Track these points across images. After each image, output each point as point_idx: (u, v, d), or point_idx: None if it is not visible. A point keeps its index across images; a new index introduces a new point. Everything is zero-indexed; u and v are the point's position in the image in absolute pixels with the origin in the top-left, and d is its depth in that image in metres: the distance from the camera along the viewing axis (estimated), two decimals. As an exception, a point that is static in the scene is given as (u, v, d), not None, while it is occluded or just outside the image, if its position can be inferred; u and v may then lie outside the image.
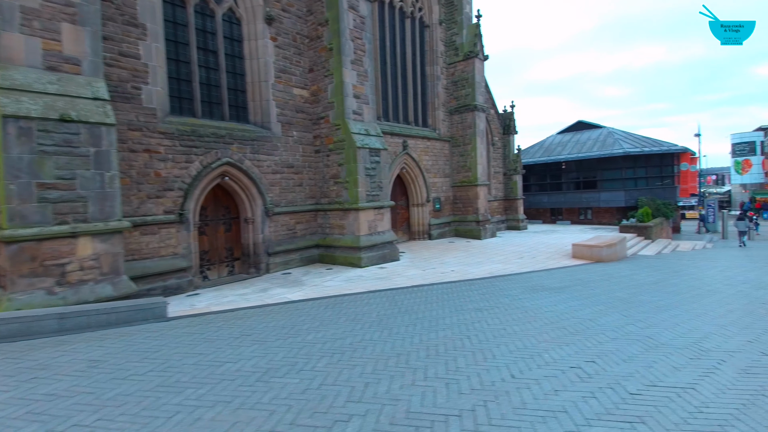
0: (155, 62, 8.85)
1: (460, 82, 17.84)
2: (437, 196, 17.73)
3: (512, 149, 22.97)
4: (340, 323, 5.85)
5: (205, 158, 9.77)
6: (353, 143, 11.26)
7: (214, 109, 10.52)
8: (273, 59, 11.21)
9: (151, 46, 8.78)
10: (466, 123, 17.87)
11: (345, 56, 11.35)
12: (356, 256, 11.35)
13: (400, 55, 16.13)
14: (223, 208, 10.85)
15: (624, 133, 28.88)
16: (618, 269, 11.10)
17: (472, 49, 17.37)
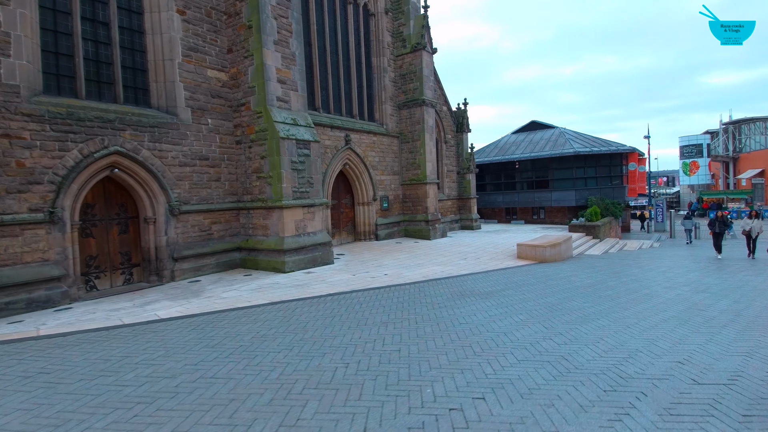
0: (21, 31, 7.32)
1: (408, 75, 16.96)
2: (385, 195, 16.76)
3: (466, 148, 22.39)
4: (190, 351, 4.66)
5: (86, 146, 8.27)
6: (276, 133, 10.04)
7: (105, 89, 9.03)
8: (180, 35, 9.82)
9: (16, 12, 7.24)
10: (414, 118, 17.01)
11: (266, 35, 10.12)
12: (279, 260, 10.14)
13: (342, 44, 15.03)
14: (117, 206, 9.35)
15: (575, 134, 29.11)
16: (558, 270, 10.48)
17: (419, 41, 16.53)
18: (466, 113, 22.35)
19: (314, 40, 13.78)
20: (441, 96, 20.71)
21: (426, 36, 16.69)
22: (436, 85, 20.23)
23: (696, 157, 49.69)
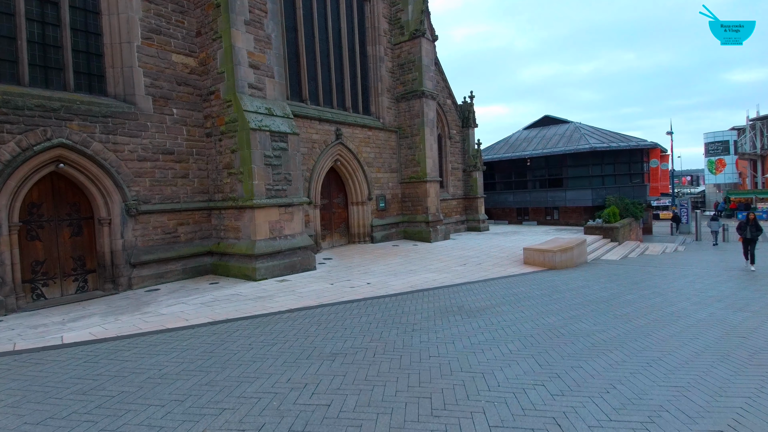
0: (-66, 3, 6.40)
1: (407, 65, 15.73)
2: (382, 194, 15.57)
3: (472, 144, 21.00)
4: (27, 406, 3.57)
5: (25, 138, 7.33)
6: (246, 124, 8.97)
7: (53, 75, 8.10)
8: (140, 15, 8.84)
9: (-75, -20, 6.32)
10: (413, 111, 15.76)
11: (235, 14, 9.05)
12: (250, 266, 9.05)
13: (333, 30, 13.91)
14: (69, 206, 8.41)
15: (591, 128, 27.34)
16: (569, 279, 9.12)
17: (418, 27, 15.28)
18: (472, 107, 20.95)
19: (300, 26, 12.69)
20: (445, 89, 19.40)
21: (426, 22, 15.44)
22: (439, 77, 18.93)
23: (722, 155, 46.95)
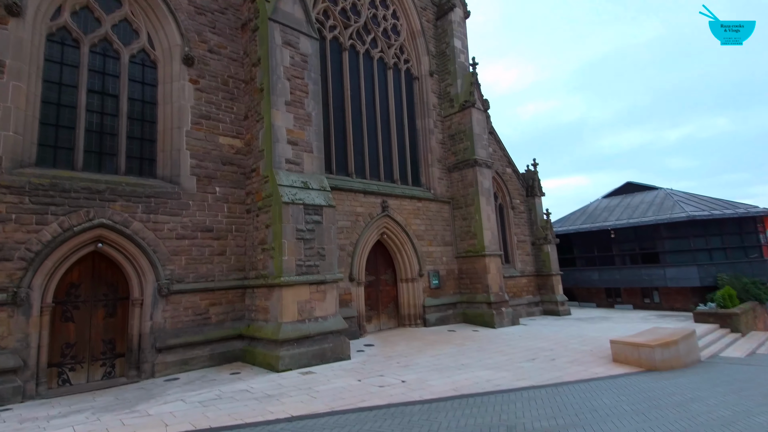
0: (12, 103, 7.18)
1: (458, 135, 15.22)
2: (435, 269, 14.21)
3: (540, 214, 19.15)
4: None
5: (67, 219, 7.57)
6: (279, 198, 8.65)
7: (107, 160, 8.61)
8: (192, 103, 9.41)
9: (8, 84, 7.18)
10: (466, 180, 14.83)
11: (276, 96, 9.28)
12: (274, 354, 8.08)
13: (381, 107, 14.06)
14: (106, 285, 8.37)
15: (685, 195, 23.84)
16: (673, 386, 6.70)
17: (468, 98, 14.96)
18: (537, 175, 19.49)
19: (348, 105, 12.95)
20: (503, 157, 18.41)
21: (475, 93, 15.11)
22: (496, 146, 18.12)
23: None
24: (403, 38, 15.08)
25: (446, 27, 15.89)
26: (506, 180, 18.32)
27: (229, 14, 10.42)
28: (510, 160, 18.78)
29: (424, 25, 15.62)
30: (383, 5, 14.62)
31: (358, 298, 11.67)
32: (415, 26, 15.31)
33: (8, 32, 7.17)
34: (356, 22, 13.51)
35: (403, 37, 15.07)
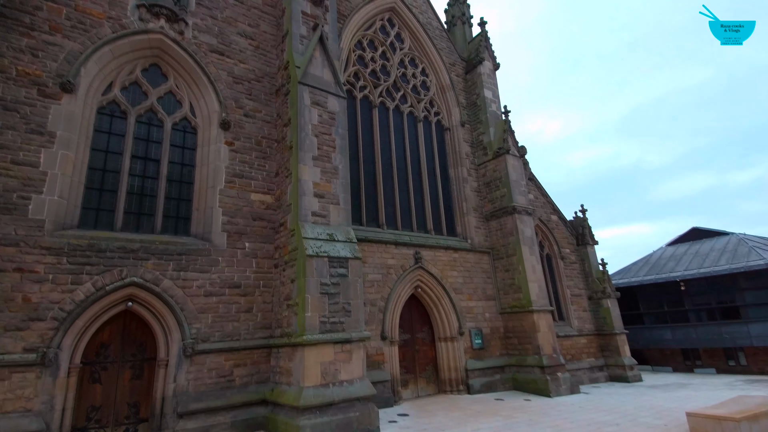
0: (58, 170, 7.76)
1: (493, 182, 14.69)
2: (477, 327, 13.05)
3: (594, 265, 17.53)
4: None
5: (101, 279, 7.73)
6: (303, 251, 8.43)
7: (144, 220, 8.94)
8: (226, 163, 9.79)
9: (57, 153, 7.81)
10: (506, 229, 14.00)
11: (304, 152, 9.44)
12: (294, 424, 7.37)
13: (411, 159, 14.03)
14: (135, 345, 8.31)
15: (761, 239, 21.00)
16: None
17: (501, 145, 14.62)
18: (587, 222, 18.14)
19: (378, 157, 13.03)
20: (547, 204, 17.44)
21: (509, 140, 14.75)
22: (537, 192, 17.28)
23: None
24: (433, 93, 15.38)
25: (476, 79, 16.08)
26: (552, 228, 17.18)
27: (264, 82, 11.11)
28: (555, 207, 17.73)
29: (453, 80, 15.92)
30: (412, 64, 15.16)
31: (391, 359, 10.79)
32: (444, 81, 15.63)
33: (61, 107, 7.95)
34: (385, 81, 14.00)
35: (432, 92, 15.37)
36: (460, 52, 16.76)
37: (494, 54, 16.67)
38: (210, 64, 10.20)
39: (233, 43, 10.79)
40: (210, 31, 10.47)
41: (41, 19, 8.02)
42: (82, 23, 8.54)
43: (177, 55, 9.87)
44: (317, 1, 11.23)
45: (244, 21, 11.22)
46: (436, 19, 16.28)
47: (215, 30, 10.57)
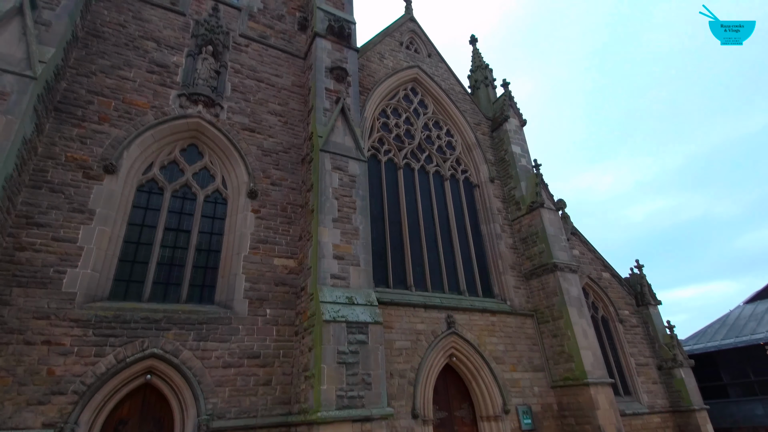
0: (94, 244, 8.25)
1: (530, 237, 13.87)
2: (525, 404, 11.52)
3: (659, 328, 15.46)
4: None
5: (123, 350, 7.76)
6: (320, 316, 8.08)
7: (171, 290, 9.11)
8: (252, 230, 10.02)
9: (95, 229, 8.36)
10: (548, 288, 12.86)
11: (324, 214, 9.51)
12: None
13: (440, 217, 13.73)
14: (153, 421, 8.03)
15: None
16: None
17: (534, 199, 14.01)
18: (644, 279, 16.36)
19: (404, 217, 12.86)
20: (595, 260, 16.06)
21: (543, 193, 14.15)
22: (583, 247, 16.06)
23: None
24: (459, 152, 15.42)
25: (502, 136, 16.04)
26: (605, 287, 15.62)
27: (291, 152, 11.69)
28: (605, 264, 16.26)
29: (479, 138, 15.97)
30: (436, 126, 15.50)
31: (425, 441, 9.60)
32: (469, 140, 15.71)
33: (102, 186, 8.66)
34: (410, 144, 14.29)
35: (458, 151, 15.43)
36: (485, 112, 17.00)
37: (519, 111, 16.73)
38: (242, 141, 10.94)
39: (263, 121, 11.61)
40: (243, 112, 11.38)
41: (92, 111, 9.12)
42: (128, 113, 9.60)
43: (212, 135, 10.71)
44: (340, 78, 12.02)
45: (275, 101, 12.15)
46: (458, 85, 16.85)
47: (248, 111, 11.48)
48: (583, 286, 14.49)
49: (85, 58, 9.56)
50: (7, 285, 7.40)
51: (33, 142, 7.93)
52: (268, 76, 12.30)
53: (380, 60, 14.87)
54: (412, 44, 16.46)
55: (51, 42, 8.06)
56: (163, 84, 10.44)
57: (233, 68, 11.74)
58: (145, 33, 10.75)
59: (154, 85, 10.29)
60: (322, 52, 12.13)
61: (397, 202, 13.14)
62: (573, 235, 15.69)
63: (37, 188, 8.13)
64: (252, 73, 12.04)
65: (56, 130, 8.58)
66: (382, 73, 14.59)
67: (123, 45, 10.26)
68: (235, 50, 12.07)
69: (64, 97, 8.94)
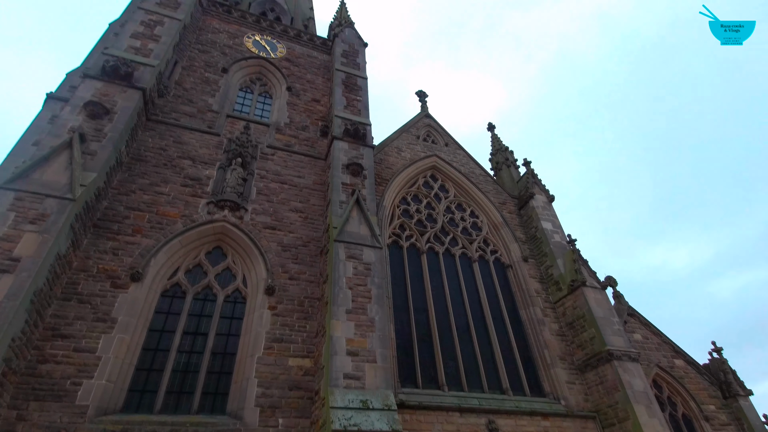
0: (112, 353, 8.32)
1: (576, 322, 12.37)
2: None
3: (756, 424, 12.39)
4: None
5: (123, 469, 7.28)
6: (330, 424, 7.25)
7: (184, 399, 8.76)
8: (267, 329, 9.77)
9: (114, 338, 8.51)
10: (607, 382, 10.99)
11: (337, 306, 9.16)
12: None
13: (471, 303, 12.80)
14: None
15: None
16: None
17: (574, 277, 12.83)
18: (727, 364, 13.67)
19: (431, 306, 12.11)
20: (663, 345, 13.81)
21: (584, 270, 12.96)
22: (646, 330, 13.99)
23: None
24: (485, 232, 14.95)
25: (530, 213, 15.51)
26: (679, 377, 13.16)
27: (311, 246, 11.86)
28: (677, 348, 13.90)
29: (506, 217, 15.53)
30: (459, 208, 15.37)
31: None
32: (496, 219, 15.30)
33: (127, 294, 9.04)
34: (432, 228, 14.12)
35: (485, 231, 14.96)
36: (510, 191, 16.78)
37: (545, 188, 16.35)
38: (263, 239, 11.33)
39: (285, 218, 12.10)
40: (266, 212, 11.99)
41: (127, 225, 9.98)
42: (159, 223, 10.41)
43: (236, 236, 11.22)
44: (355, 173, 12.59)
45: (296, 199, 12.79)
46: (478, 168, 17.05)
47: (270, 210, 12.09)
48: (653, 378, 12.32)
49: (127, 179, 10.82)
50: (25, 399, 7.47)
51: (68, 257, 8.64)
52: (291, 178, 13.14)
53: (398, 153, 15.60)
54: (429, 136, 17.29)
55: (94, 168, 9.25)
56: (195, 195, 11.40)
57: (259, 174, 12.71)
58: (182, 153, 12.14)
59: (186, 196, 11.25)
60: (339, 152, 12.95)
61: (422, 289, 12.56)
62: (631, 316, 13.84)
63: (67, 300, 8.62)
64: (276, 177, 12.95)
65: (93, 244, 9.38)
66: (400, 165, 15.18)
67: (162, 165, 11.57)
68: (262, 159, 13.20)
69: (104, 215, 9.93)
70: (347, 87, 15.39)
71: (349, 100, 14.98)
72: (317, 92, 16.38)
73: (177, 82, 13.83)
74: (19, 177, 8.15)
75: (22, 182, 8.13)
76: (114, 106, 10.56)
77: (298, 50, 17.81)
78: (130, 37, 12.53)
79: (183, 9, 14.70)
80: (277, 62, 16.66)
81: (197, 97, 13.84)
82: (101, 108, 10.13)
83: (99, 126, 10.00)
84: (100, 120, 10.07)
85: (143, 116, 11.88)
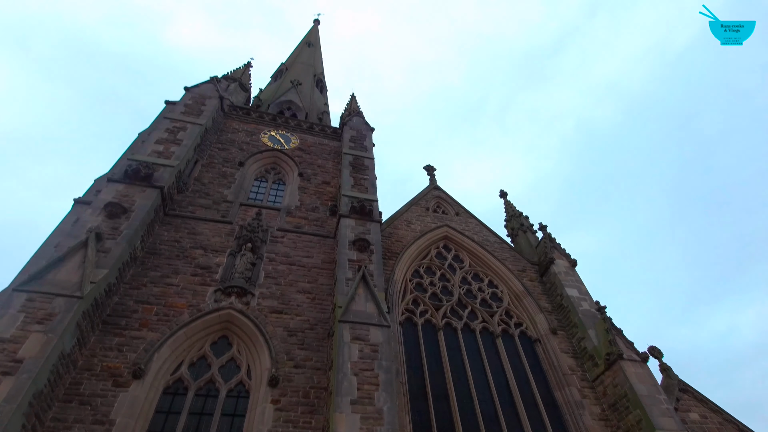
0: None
1: (619, 402, 10.83)
2: None
3: None
4: None
5: None
6: None
7: None
8: (269, 427, 9.07)
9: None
10: (668, 476, 9.21)
11: (342, 396, 8.48)
12: None
13: (497, 385, 11.60)
14: None
15: None
16: None
17: (609, 350, 11.54)
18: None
19: (451, 390, 11.04)
20: (726, 423, 11.74)
21: (619, 342, 11.68)
22: (705, 408, 12.03)
23: None
24: (507, 303, 14.07)
25: (553, 280, 14.62)
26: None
27: (318, 328, 11.43)
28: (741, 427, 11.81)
29: (527, 285, 14.69)
30: (476, 279, 14.73)
31: None
32: (516, 288, 14.47)
33: (127, 393, 8.80)
34: (448, 302, 13.46)
35: (506, 302, 14.09)
36: (529, 258, 16.08)
37: (566, 251, 15.58)
38: (268, 324, 11.06)
39: (292, 301, 11.91)
40: (273, 295, 11.88)
41: (134, 319, 10.07)
42: (166, 315, 10.46)
43: (241, 323, 11.04)
44: (362, 248, 12.54)
45: (304, 280, 12.69)
46: (493, 235, 16.66)
47: (278, 293, 11.98)
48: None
49: (140, 273, 11.18)
50: None
51: (73, 355, 8.67)
52: (299, 259, 13.20)
53: (407, 225, 15.59)
54: (439, 207, 17.34)
55: (106, 264, 9.66)
56: (204, 283, 11.54)
57: (268, 257, 12.87)
58: (195, 243, 12.60)
59: (195, 285, 11.41)
60: (346, 229, 13.07)
61: (441, 371, 11.59)
62: (683, 392, 12.02)
63: (68, 402, 8.46)
64: (285, 258, 13.05)
65: (99, 341, 9.43)
66: (410, 237, 15.06)
67: (175, 257, 11.97)
68: (272, 242, 13.47)
69: (114, 310, 10.12)
70: (354, 168, 16.05)
71: (357, 180, 15.51)
72: (327, 175, 17.14)
73: (196, 178, 14.89)
74: (33, 278, 8.58)
75: (35, 283, 8.53)
76: (132, 205, 11.33)
77: (311, 140, 19.10)
78: (154, 143, 13.88)
79: (205, 115, 16.36)
80: (290, 152, 17.82)
81: (214, 189, 14.73)
82: (119, 208, 10.88)
83: (116, 224, 10.66)
84: (117, 219, 10.75)
85: (161, 212, 12.64)
